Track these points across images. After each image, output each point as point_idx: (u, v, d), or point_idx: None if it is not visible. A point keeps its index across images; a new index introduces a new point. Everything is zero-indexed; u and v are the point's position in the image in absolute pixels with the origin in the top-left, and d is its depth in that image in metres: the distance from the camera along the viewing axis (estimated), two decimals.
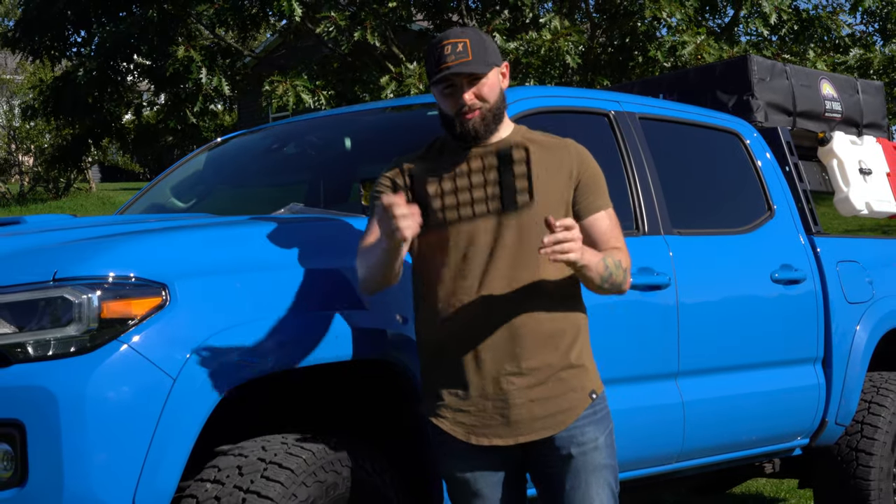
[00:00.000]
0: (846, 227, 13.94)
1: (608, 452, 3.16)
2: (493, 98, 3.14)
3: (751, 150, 5.10)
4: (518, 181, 2.92)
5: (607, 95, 4.70)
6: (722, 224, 4.83)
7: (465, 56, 3.08)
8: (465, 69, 3.08)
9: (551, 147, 3.22)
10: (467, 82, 3.11)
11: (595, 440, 3.12)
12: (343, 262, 3.42)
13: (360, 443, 3.38)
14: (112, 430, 2.92)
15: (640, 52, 12.54)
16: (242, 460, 3.16)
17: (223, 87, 13.04)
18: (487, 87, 3.13)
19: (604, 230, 3.19)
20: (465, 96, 3.10)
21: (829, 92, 5.87)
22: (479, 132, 3.13)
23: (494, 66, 3.15)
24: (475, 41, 3.12)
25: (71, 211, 20.24)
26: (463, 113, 3.12)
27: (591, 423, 3.13)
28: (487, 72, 3.12)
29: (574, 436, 3.10)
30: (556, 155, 3.19)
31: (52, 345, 2.95)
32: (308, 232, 3.50)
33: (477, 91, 3.12)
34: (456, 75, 3.10)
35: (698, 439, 4.43)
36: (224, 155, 5.04)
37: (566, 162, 3.19)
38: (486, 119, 3.13)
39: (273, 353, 3.17)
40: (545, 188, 3.10)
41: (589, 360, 3.19)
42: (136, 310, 3.00)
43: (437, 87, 3.15)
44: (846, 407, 5.04)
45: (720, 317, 4.54)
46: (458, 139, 3.16)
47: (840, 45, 13.50)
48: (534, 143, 3.18)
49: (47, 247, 3.21)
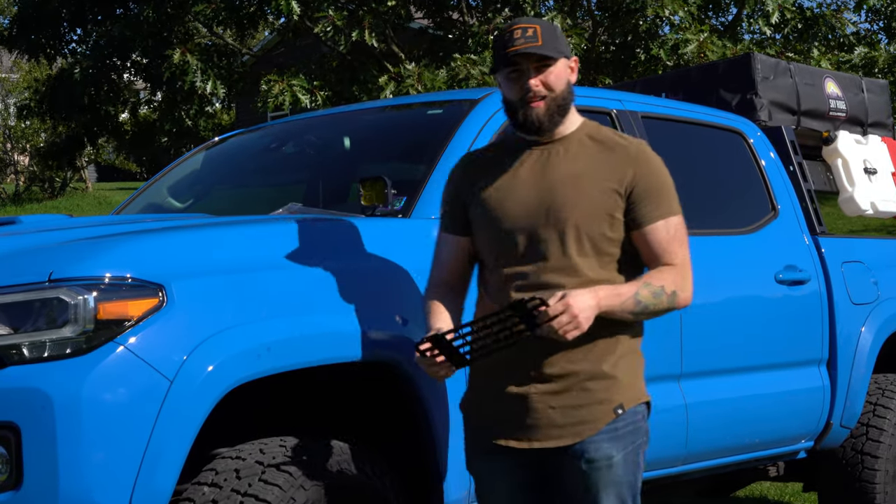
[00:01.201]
0: (851, 228, 13.94)
1: (626, 469, 3.06)
2: (560, 88, 3.08)
3: (754, 150, 5.10)
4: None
5: (609, 94, 4.70)
6: (725, 224, 4.83)
7: (535, 41, 3.03)
8: (533, 51, 3.03)
9: (612, 148, 3.12)
10: (534, 68, 3.05)
11: (609, 458, 3.03)
12: (342, 263, 3.42)
13: (359, 445, 3.38)
14: (108, 432, 2.92)
15: (643, 51, 12.54)
16: (240, 463, 3.16)
17: (218, 91, 13.05)
18: (554, 76, 3.07)
19: (657, 243, 3.08)
20: (530, 81, 3.05)
21: (834, 90, 5.87)
22: (542, 123, 3.08)
23: (564, 56, 3.10)
24: (546, 28, 3.08)
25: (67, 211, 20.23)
26: (528, 100, 3.06)
27: (611, 439, 3.04)
28: (556, 58, 3.07)
29: (587, 451, 3.03)
30: (612, 158, 3.10)
31: (48, 346, 2.95)
32: (307, 232, 3.49)
33: (544, 78, 3.06)
34: (524, 57, 3.04)
35: (701, 442, 4.43)
36: (222, 154, 5.04)
37: (620, 167, 3.08)
38: (551, 110, 3.07)
39: (271, 354, 3.17)
40: (587, 192, 3.04)
41: (626, 372, 3.08)
42: (132, 311, 3.00)
43: (503, 70, 3.09)
44: (851, 409, 5.03)
45: (723, 318, 4.53)
46: (520, 129, 3.12)
47: (845, 44, 13.50)
48: (596, 142, 3.13)
49: (43, 247, 3.21)
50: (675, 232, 3.11)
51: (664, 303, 3.05)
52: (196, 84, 12.78)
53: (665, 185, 3.12)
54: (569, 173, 3.08)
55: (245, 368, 3.12)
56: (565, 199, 3.05)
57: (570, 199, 3.04)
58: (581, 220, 3.03)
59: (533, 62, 3.05)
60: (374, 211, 3.72)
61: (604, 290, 2.97)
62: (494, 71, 3.15)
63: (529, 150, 3.14)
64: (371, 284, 3.47)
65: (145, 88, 16.32)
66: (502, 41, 3.08)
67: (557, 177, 3.08)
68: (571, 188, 3.05)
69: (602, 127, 3.20)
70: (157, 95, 15.97)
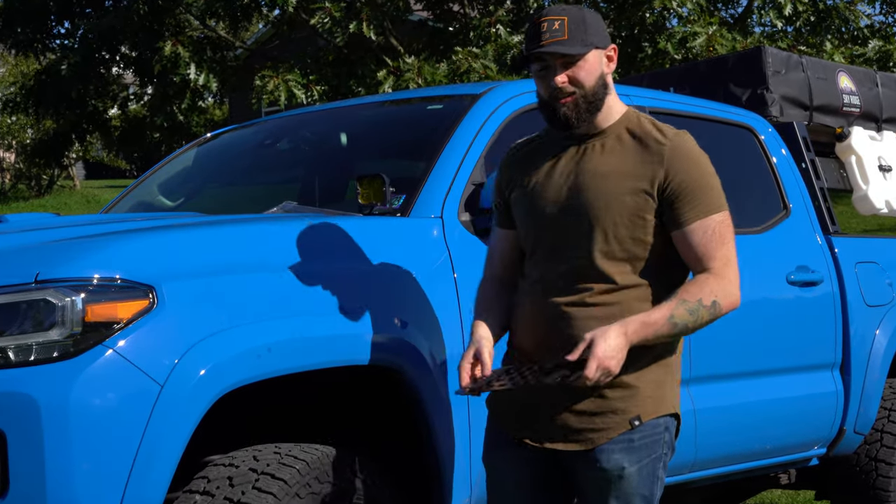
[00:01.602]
0: (865, 227, 13.94)
1: (639, 482, 3.03)
2: (590, 83, 3.03)
3: (765, 146, 5.09)
4: None
5: (616, 89, 4.67)
6: (735, 223, 4.79)
7: (561, 35, 2.98)
8: (557, 49, 2.98)
9: (647, 145, 3.06)
10: (561, 64, 3.01)
11: (621, 469, 3.01)
12: (338, 264, 3.42)
13: (357, 451, 3.38)
14: (97, 438, 2.91)
15: (650, 44, 12.55)
16: (233, 471, 3.16)
17: (211, 84, 13.05)
18: (584, 71, 3.02)
19: (694, 246, 3.01)
20: (556, 79, 3.00)
21: (847, 85, 5.87)
22: (570, 120, 3.04)
23: (594, 47, 3.02)
24: (574, 19, 3.01)
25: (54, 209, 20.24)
26: (556, 97, 3.03)
27: (624, 450, 3.01)
28: (584, 53, 3.00)
29: (599, 460, 3.02)
30: (645, 155, 3.04)
31: (34, 350, 2.94)
32: (302, 232, 3.49)
33: (572, 74, 3.01)
34: (549, 55, 3.00)
35: (710, 449, 4.43)
36: (214, 151, 5.04)
37: (651, 165, 3.02)
38: (580, 107, 3.03)
39: (265, 357, 3.17)
40: (616, 193, 3.00)
41: (649, 382, 3.02)
42: (121, 313, 3.00)
43: (533, 68, 3.07)
44: (865, 415, 5.03)
45: (733, 321, 4.51)
46: (552, 125, 3.11)
47: (858, 37, 13.50)
48: (633, 136, 3.08)
49: (29, 247, 3.20)
50: (714, 232, 3.03)
51: (704, 317, 2.99)
52: (189, 77, 12.78)
53: (703, 181, 3.03)
54: (599, 172, 3.05)
55: (237, 373, 3.12)
56: (594, 199, 3.02)
57: (598, 200, 3.01)
58: (608, 222, 2.99)
59: (559, 58, 3.01)
60: (372, 209, 3.72)
61: (633, 322, 2.92)
62: (519, 69, 3.13)
63: (568, 144, 3.12)
64: (368, 286, 3.47)
65: (135, 82, 16.32)
66: (529, 36, 3.05)
67: (588, 175, 3.05)
68: (600, 188, 3.02)
69: (644, 118, 3.13)
70: (148, 90, 15.97)
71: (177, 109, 14.22)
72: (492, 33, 11.90)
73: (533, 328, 3.08)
